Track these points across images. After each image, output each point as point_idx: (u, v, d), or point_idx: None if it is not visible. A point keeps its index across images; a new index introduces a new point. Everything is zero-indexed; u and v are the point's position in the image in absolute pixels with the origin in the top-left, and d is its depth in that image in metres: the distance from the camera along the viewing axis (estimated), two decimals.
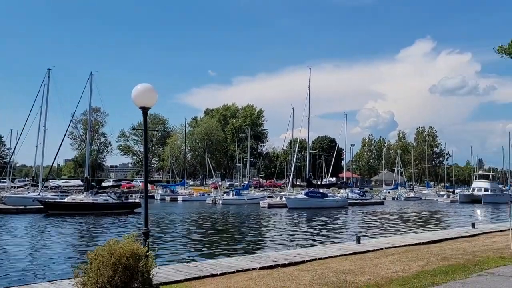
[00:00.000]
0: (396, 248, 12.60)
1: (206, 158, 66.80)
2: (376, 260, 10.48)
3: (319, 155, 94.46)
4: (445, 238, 15.12)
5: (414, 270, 9.11)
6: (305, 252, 11.92)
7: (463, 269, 9.16)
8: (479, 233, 16.87)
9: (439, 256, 10.91)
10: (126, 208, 39.13)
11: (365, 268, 9.48)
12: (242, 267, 9.71)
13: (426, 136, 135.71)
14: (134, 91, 7.12)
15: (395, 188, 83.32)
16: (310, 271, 9.30)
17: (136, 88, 7.14)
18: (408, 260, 10.38)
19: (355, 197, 59.89)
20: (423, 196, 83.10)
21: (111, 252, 6.26)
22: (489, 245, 13.31)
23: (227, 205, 49.63)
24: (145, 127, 7.15)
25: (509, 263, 9.90)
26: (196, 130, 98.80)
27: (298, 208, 44.20)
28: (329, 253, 11.55)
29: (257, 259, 10.75)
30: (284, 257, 10.93)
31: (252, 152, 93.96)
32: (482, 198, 65.41)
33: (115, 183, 70.24)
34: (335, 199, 51.16)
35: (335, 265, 10.00)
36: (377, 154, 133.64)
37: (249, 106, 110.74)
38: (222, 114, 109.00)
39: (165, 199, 59.00)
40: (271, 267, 9.88)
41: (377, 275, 8.68)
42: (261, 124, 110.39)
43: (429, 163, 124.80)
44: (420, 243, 13.76)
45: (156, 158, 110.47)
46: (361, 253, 11.80)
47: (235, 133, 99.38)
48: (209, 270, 9.29)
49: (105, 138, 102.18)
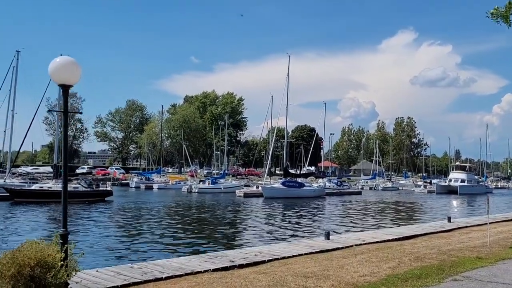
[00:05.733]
0: (367, 246, 11.71)
1: (183, 146, 65.36)
2: (344, 260, 9.55)
3: (298, 144, 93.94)
4: (420, 233, 14.33)
5: (384, 274, 8.18)
6: (268, 250, 10.92)
7: (437, 272, 8.27)
8: (455, 228, 16.15)
9: (412, 256, 10.04)
10: (97, 197, 37.75)
11: (330, 270, 8.52)
12: (193, 269, 8.65)
13: (405, 126, 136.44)
14: (52, 65, 5.90)
15: (373, 178, 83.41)
16: (268, 273, 8.30)
17: (54, 62, 5.92)
18: (378, 261, 9.46)
19: (333, 186, 59.50)
20: (401, 186, 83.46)
21: (13, 260, 5.12)
22: (465, 242, 12.55)
23: (202, 194, 48.66)
24: (65, 108, 5.95)
25: (487, 264, 9.07)
26: (174, 117, 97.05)
27: (274, 197, 43.46)
28: (294, 251, 10.58)
29: (213, 258, 9.70)
30: (244, 256, 9.92)
31: (231, 140, 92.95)
32: (458, 189, 65.76)
33: (90, 170, 68.52)
34: (312, 189, 50.60)
35: (298, 266, 9.03)
36: (356, 144, 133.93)
37: (229, 93, 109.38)
38: (202, 101, 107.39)
39: (140, 187, 57.68)
40: (226, 269, 8.85)
41: (342, 279, 7.72)
42: (240, 112, 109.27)
43: (407, 153, 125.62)
44: (393, 239, 12.92)
45: (134, 145, 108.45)
46: (329, 251, 10.86)
47: (214, 120, 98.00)
48: (154, 273, 8.20)
49: (81, 124, 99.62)
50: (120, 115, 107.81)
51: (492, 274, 8.14)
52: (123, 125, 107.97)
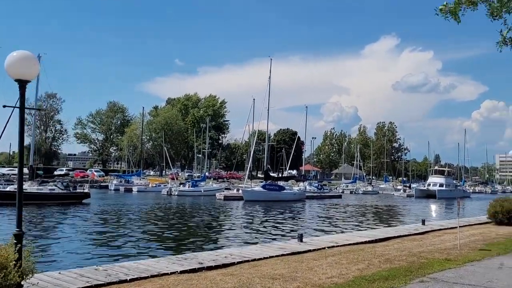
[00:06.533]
0: (339, 248, 11.69)
1: (164, 148, 64.80)
2: (314, 262, 9.50)
3: (280, 147, 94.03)
4: (393, 236, 14.39)
5: (351, 275, 8.15)
6: (238, 252, 10.81)
7: (404, 274, 8.27)
8: (428, 231, 16.28)
9: (382, 258, 10.04)
10: (74, 199, 37.10)
11: (298, 272, 8.46)
12: (159, 271, 8.49)
13: (386, 131, 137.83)
14: (8, 60, 5.71)
15: (353, 182, 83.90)
16: (236, 275, 8.19)
17: (11, 56, 5.73)
18: (347, 263, 9.44)
19: (313, 190, 59.63)
20: (381, 190, 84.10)
21: None
22: (437, 244, 12.63)
23: (182, 197, 48.27)
24: (21, 105, 5.76)
25: (454, 266, 9.12)
26: (156, 119, 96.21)
27: (254, 200, 43.35)
28: (265, 254, 10.49)
29: (181, 260, 9.55)
30: (213, 258, 9.79)
31: (213, 143, 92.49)
32: (436, 193, 66.55)
33: (68, 172, 67.46)
34: (292, 192, 50.64)
35: (267, 268, 8.94)
36: (338, 148, 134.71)
37: (211, 96, 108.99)
38: (184, 104, 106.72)
39: (119, 189, 56.96)
40: (194, 271, 8.72)
41: (309, 281, 7.66)
42: (223, 115, 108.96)
43: (388, 157, 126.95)
44: (366, 242, 12.93)
45: (114, 147, 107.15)
46: (300, 253, 10.81)
47: (196, 123, 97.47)
48: (119, 276, 8.02)
49: (60, 126, 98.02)
50: (101, 116, 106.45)
51: (458, 276, 8.17)
52: (103, 127, 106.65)
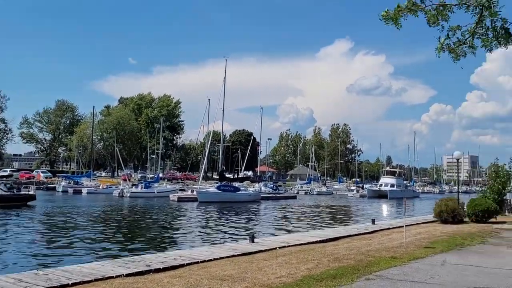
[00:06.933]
0: (290, 248, 11.73)
1: (116, 149, 63.13)
2: (264, 263, 9.47)
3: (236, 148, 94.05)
4: (343, 235, 14.62)
5: (300, 275, 8.17)
6: (188, 253, 10.62)
7: (352, 272, 8.39)
8: (377, 230, 16.67)
9: (332, 257, 10.15)
10: (18, 201, 35.38)
11: (248, 272, 8.39)
12: (104, 274, 8.17)
13: (340, 133, 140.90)
14: None
15: (308, 183, 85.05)
16: (184, 277, 8.02)
17: None
18: (297, 262, 9.47)
19: (268, 191, 59.95)
20: (335, 190, 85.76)
21: None
22: (384, 243, 12.93)
23: (135, 198, 47.19)
24: None
25: (400, 263, 9.35)
26: (108, 119, 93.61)
27: (209, 201, 43.03)
28: (215, 255, 10.36)
29: (128, 263, 9.26)
30: (162, 260, 9.56)
31: (168, 144, 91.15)
32: (388, 193, 68.66)
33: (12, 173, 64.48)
34: (247, 193, 50.68)
35: (217, 269, 8.82)
36: (294, 149, 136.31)
37: (165, 96, 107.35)
38: (137, 103, 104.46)
39: (68, 191, 54.92)
40: (141, 274, 8.45)
41: (258, 281, 7.61)
42: (177, 115, 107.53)
43: (342, 158, 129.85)
44: (317, 242, 13.05)
45: (63, 147, 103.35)
46: (251, 253, 10.75)
47: (149, 123, 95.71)
48: (60, 280, 7.64)
49: (5, 125, 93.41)
50: (49, 115, 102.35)
51: (403, 273, 8.38)
52: (51, 126, 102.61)
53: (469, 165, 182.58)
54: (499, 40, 5.37)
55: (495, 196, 21.36)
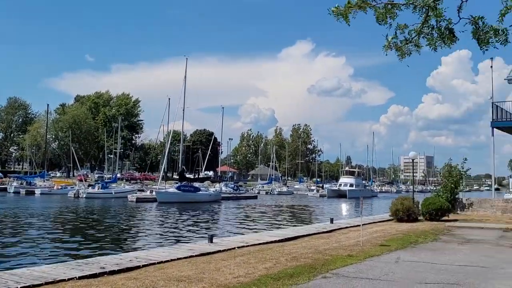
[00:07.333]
0: (249, 248, 11.70)
1: (71, 148, 61.20)
2: (222, 263, 9.39)
3: (197, 148, 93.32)
4: (302, 234, 14.74)
5: (258, 274, 8.15)
6: (145, 255, 10.40)
7: (309, 271, 8.45)
8: (336, 229, 16.90)
9: (290, 256, 10.20)
10: None
11: (205, 273, 8.30)
12: (55, 277, 7.85)
13: (301, 133, 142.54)
14: None
15: (269, 183, 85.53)
16: (139, 279, 7.82)
17: None
18: (256, 262, 9.45)
19: (229, 191, 59.88)
20: (295, 190, 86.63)
21: None
22: (342, 241, 13.13)
23: (91, 199, 45.95)
24: None
25: (356, 261, 9.50)
26: (63, 117, 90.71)
27: (168, 202, 42.46)
28: (173, 255, 10.20)
29: (82, 265, 8.95)
30: (117, 262, 9.30)
31: (126, 144, 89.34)
32: (347, 193, 70.02)
33: None
34: (207, 193, 50.42)
35: (174, 270, 8.67)
36: (255, 149, 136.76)
37: (124, 94, 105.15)
38: (94, 102, 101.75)
39: (19, 192, 52.80)
40: (95, 276, 8.19)
41: (215, 282, 7.53)
42: (137, 115, 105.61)
43: (303, 159, 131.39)
44: (276, 241, 13.09)
45: (15, 146, 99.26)
46: (210, 254, 10.65)
47: (107, 122, 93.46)
48: (8, 284, 7.29)
49: None
50: (0, 113, 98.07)
51: (358, 270, 8.51)
52: (3, 125, 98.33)
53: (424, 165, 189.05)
54: (444, 40, 5.54)
55: (448, 195, 22.09)
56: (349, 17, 5.47)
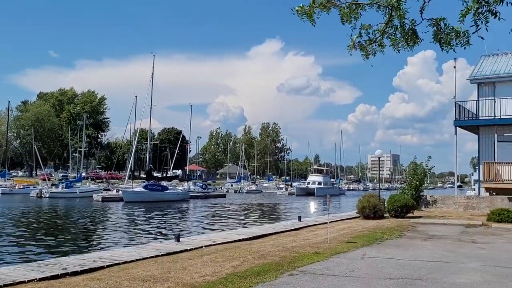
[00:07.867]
0: (216, 246, 11.63)
1: (34, 147, 59.31)
2: (189, 262, 9.28)
3: (165, 147, 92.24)
4: (270, 232, 14.75)
5: (225, 273, 8.09)
6: (109, 255, 10.16)
7: (276, 268, 8.45)
8: (303, 226, 17.00)
9: (257, 254, 10.18)
10: None
11: (171, 272, 8.17)
12: (15, 279, 7.57)
13: (270, 131, 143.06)
14: None
15: (238, 181, 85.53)
16: (103, 280, 7.63)
17: None
18: (223, 260, 9.38)
19: (197, 190, 59.55)
20: (264, 189, 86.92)
21: None
22: (309, 239, 13.20)
23: (55, 199, 44.72)
24: None
25: (322, 259, 9.57)
26: (25, 115, 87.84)
27: (135, 201, 41.84)
28: (138, 255, 10.01)
29: (43, 267, 8.67)
30: (80, 263, 9.06)
31: (92, 142, 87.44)
32: (315, 191, 70.74)
33: None
34: (175, 192, 49.96)
35: (139, 270, 8.51)
36: (224, 147, 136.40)
37: (89, 92, 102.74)
38: (58, 99, 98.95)
39: None
40: (57, 277, 7.95)
41: (181, 281, 7.42)
42: (102, 112, 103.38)
43: (272, 157, 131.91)
44: (244, 239, 13.06)
45: None
46: (176, 253, 10.52)
47: (72, 120, 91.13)
48: None
49: None
50: None
51: (325, 267, 8.57)
52: None
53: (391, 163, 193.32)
54: (407, 41, 5.61)
55: (413, 192, 22.60)
56: (314, 17, 5.47)
